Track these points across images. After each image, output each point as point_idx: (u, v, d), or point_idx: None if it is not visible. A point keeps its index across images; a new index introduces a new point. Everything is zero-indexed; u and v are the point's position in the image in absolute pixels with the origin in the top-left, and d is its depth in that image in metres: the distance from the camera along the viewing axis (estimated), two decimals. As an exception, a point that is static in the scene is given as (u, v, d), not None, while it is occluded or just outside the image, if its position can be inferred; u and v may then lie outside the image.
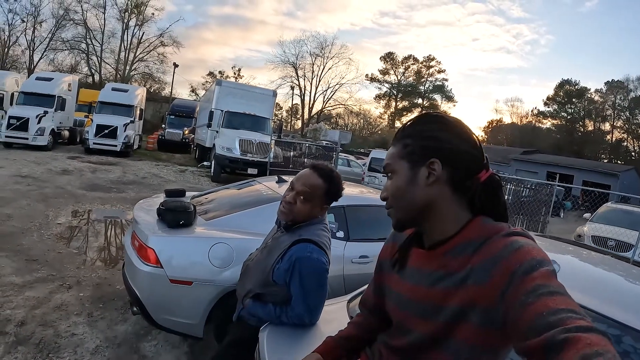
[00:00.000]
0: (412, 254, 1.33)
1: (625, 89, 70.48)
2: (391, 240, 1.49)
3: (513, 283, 0.99)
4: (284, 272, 2.24)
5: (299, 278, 2.21)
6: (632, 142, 71.25)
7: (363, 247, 4.33)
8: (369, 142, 62.31)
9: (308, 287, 2.22)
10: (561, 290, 0.94)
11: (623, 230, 10.75)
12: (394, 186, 1.26)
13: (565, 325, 0.83)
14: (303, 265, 2.21)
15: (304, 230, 2.32)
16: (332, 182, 2.35)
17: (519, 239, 1.09)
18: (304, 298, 2.22)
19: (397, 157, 1.26)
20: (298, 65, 65.28)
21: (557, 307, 0.88)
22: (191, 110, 30.97)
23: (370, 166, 20.81)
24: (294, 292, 2.23)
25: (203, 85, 64.53)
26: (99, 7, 52.22)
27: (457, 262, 1.15)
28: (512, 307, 0.96)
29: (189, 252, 3.69)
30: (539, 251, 1.05)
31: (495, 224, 1.18)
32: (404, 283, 1.31)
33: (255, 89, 22.42)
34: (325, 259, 2.27)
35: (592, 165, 47.22)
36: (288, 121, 71.73)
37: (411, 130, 1.27)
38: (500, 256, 1.06)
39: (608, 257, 4.03)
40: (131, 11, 53.50)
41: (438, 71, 78.18)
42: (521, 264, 1.00)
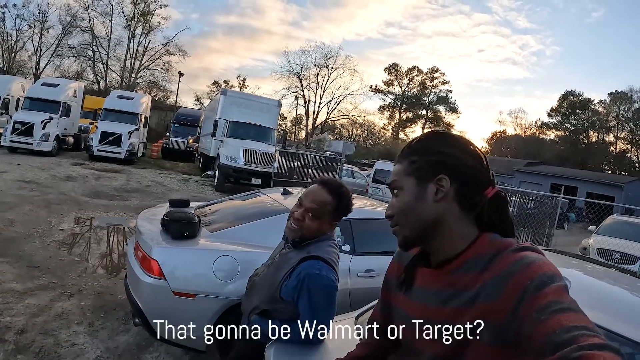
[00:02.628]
0: (418, 273, 1.30)
1: (629, 100, 70.73)
2: (397, 260, 1.46)
3: (525, 300, 0.97)
4: (292, 289, 2.19)
5: (308, 295, 2.16)
6: (636, 153, 71.42)
7: (369, 260, 4.29)
8: (373, 153, 62.85)
9: (317, 305, 2.17)
10: (574, 307, 0.93)
11: (629, 243, 10.73)
12: (401, 203, 1.23)
13: (579, 343, 0.81)
14: (312, 282, 2.16)
15: (313, 247, 2.28)
16: (341, 198, 2.30)
17: (529, 254, 1.07)
18: (313, 315, 2.16)
19: (403, 174, 1.24)
20: (303, 76, 65.46)
21: (571, 324, 0.86)
22: (196, 119, 31.02)
23: (374, 177, 20.81)
24: (302, 310, 2.17)
25: (208, 94, 64.91)
26: (105, 14, 52.75)
27: (466, 280, 1.13)
28: (525, 324, 0.94)
29: (192, 264, 3.66)
30: (549, 266, 1.03)
31: (504, 239, 1.16)
32: (412, 303, 1.28)
33: (260, 99, 22.52)
34: (335, 277, 2.23)
35: (596, 177, 47.23)
36: (292, 131, 72.10)
37: (417, 147, 1.25)
38: (510, 272, 1.03)
39: (613, 270, 3.99)
40: (137, 19, 53.93)
41: (442, 82, 78.53)
42: (532, 280, 0.98)
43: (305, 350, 2.21)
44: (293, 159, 19.49)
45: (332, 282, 2.21)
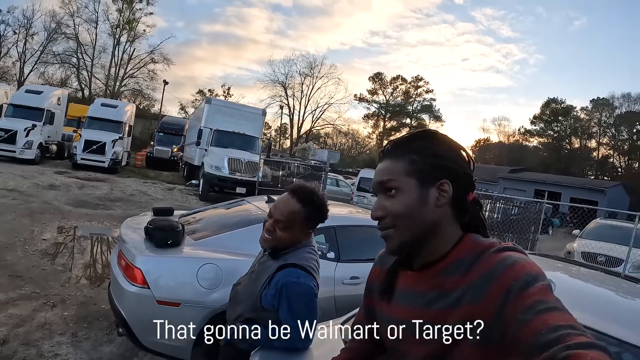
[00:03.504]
0: (401, 275, 1.29)
1: (610, 106, 71.90)
2: (379, 264, 1.44)
3: (509, 300, 0.97)
4: (272, 297, 2.17)
5: (287, 304, 2.14)
6: (618, 158, 72.48)
7: (354, 268, 4.29)
8: (357, 161, 63.08)
9: (297, 313, 2.14)
10: (559, 306, 0.93)
11: (612, 246, 10.82)
12: (402, 205, 1.16)
13: (566, 342, 0.82)
14: (290, 291, 2.14)
15: (290, 255, 2.26)
16: (312, 206, 2.26)
17: (512, 254, 1.07)
18: (295, 324, 2.13)
19: (402, 174, 1.18)
20: (287, 85, 65.68)
21: (557, 324, 0.87)
22: (180, 128, 30.96)
23: (359, 186, 20.93)
24: (283, 318, 2.15)
25: (192, 103, 64.83)
26: (91, 22, 52.57)
27: (451, 281, 1.12)
28: (510, 324, 0.94)
29: (176, 272, 3.64)
30: (533, 266, 1.03)
31: (486, 240, 1.17)
32: (396, 306, 1.27)
33: (244, 108, 22.55)
34: (313, 283, 2.22)
35: (579, 182, 47.84)
36: (277, 140, 72.05)
37: (416, 146, 1.20)
38: (494, 273, 1.03)
39: (599, 272, 4.05)
40: (123, 27, 53.69)
41: (426, 91, 79.55)
42: (516, 280, 0.99)
43: (290, 356, 2.20)
44: (278, 168, 19.55)
45: (311, 289, 2.19)
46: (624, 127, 70.63)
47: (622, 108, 70.91)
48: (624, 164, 71.77)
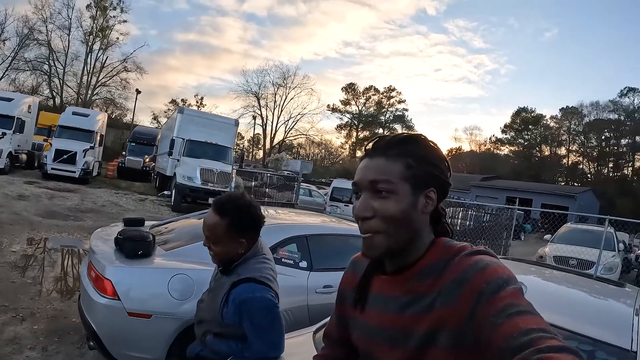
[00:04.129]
0: (374, 280, 1.28)
1: (579, 115, 74.12)
2: (350, 270, 1.43)
3: (481, 303, 0.97)
4: (233, 314, 2.14)
5: (249, 320, 2.11)
6: (588, 164, 74.58)
7: (327, 276, 4.31)
8: (330, 172, 63.20)
9: (262, 326, 2.12)
10: (530, 309, 0.93)
11: (583, 249, 11.07)
12: (397, 209, 1.13)
13: (537, 346, 0.81)
14: (249, 306, 2.11)
15: (242, 268, 2.21)
16: (230, 214, 2.17)
17: (484, 258, 1.07)
18: (261, 336, 2.13)
19: (398, 177, 1.14)
20: (260, 95, 65.48)
21: (528, 327, 0.86)
22: (152, 138, 30.70)
23: (332, 196, 20.95)
24: (249, 333, 2.12)
25: (165, 112, 64.83)
26: (64, 28, 51.53)
27: (424, 285, 1.12)
28: (482, 327, 0.94)
29: (147, 283, 3.59)
30: (504, 269, 1.04)
31: (457, 243, 1.17)
32: (369, 311, 1.26)
33: (217, 118, 22.44)
34: (271, 294, 2.17)
35: (550, 189, 48.72)
36: (250, 151, 72.04)
37: (413, 151, 1.17)
38: (466, 276, 1.04)
39: (572, 275, 4.14)
40: (96, 34, 53.00)
41: (399, 101, 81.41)
42: (488, 284, 0.99)
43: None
44: (250, 179, 19.48)
45: (269, 301, 2.15)
46: (592, 135, 72.77)
47: (591, 116, 73.31)
48: (594, 170, 73.76)
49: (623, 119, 70.29)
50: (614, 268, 11.09)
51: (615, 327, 2.75)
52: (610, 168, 72.75)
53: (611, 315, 3.13)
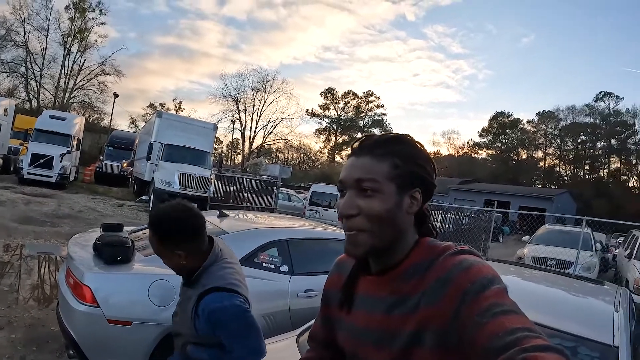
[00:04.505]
0: (360, 281, 1.27)
1: (555, 119, 75.89)
2: (336, 271, 1.42)
3: (466, 302, 0.97)
4: (205, 326, 2.07)
5: (223, 329, 2.05)
6: (564, 167, 76.31)
7: (308, 280, 4.32)
8: (309, 176, 63.33)
9: (237, 334, 2.07)
10: (515, 308, 0.93)
11: (562, 250, 11.24)
12: (382, 209, 1.12)
13: (522, 345, 0.81)
14: (220, 317, 2.04)
15: (205, 277, 2.13)
16: (158, 230, 2.07)
17: (468, 257, 1.07)
18: (240, 343, 2.07)
19: (384, 176, 1.13)
20: (239, 99, 65.34)
21: (513, 326, 0.86)
22: (130, 142, 30.36)
23: (311, 200, 21.01)
24: (227, 342, 2.08)
25: (143, 117, 64.21)
26: (42, 29, 50.78)
27: (410, 286, 1.12)
28: (467, 327, 0.94)
29: (127, 289, 3.54)
30: (488, 269, 1.04)
31: (441, 243, 1.17)
32: (356, 312, 1.25)
33: (196, 122, 22.35)
34: (239, 300, 2.10)
35: (528, 191, 49.41)
36: (228, 156, 71.68)
37: (400, 151, 1.17)
38: (450, 275, 1.03)
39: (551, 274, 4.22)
40: (74, 37, 52.31)
41: (377, 106, 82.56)
42: (472, 283, 0.99)
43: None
44: (229, 183, 19.41)
45: (239, 307, 2.08)
46: (569, 138, 74.43)
47: (567, 120, 75.28)
48: (570, 172, 75.34)
49: (598, 122, 72.26)
50: (592, 267, 11.25)
51: (597, 324, 2.85)
52: (586, 170, 74.41)
53: (593, 312, 3.23)
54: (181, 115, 38.91)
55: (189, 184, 16.55)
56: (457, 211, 15.14)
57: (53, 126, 22.02)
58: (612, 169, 72.81)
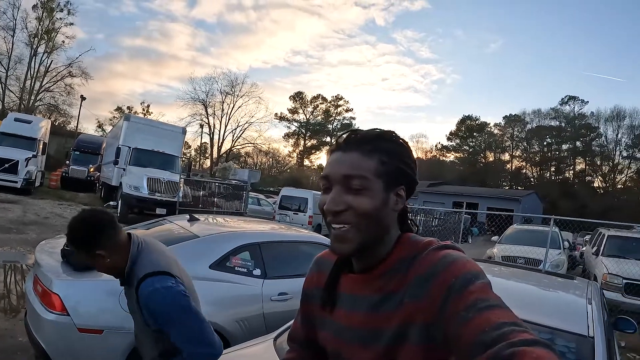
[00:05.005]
0: (342, 279, 1.26)
1: (522, 122, 77.78)
2: (315, 270, 1.41)
3: (451, 297, 0.97)
4: (150, 318, 2.06)
5: (159, 314, 2.03)
6: (531, 169, 78.29)
7: (282, 284, 4.31)
8: (278, 180, 63.34)
9: (172, 318, 2.04)
10: (500, 303, 0.93)
11: (530, 248, 11.49)
12: (370, 205, 1.11)
13: (510, 340, 0.81)
14: (153, 301, 2.02)
15: (135, 270, 2.12)
16: (71, 239, 2.06)
17: (451, 252, 1.08)
18: (176, 329, 2.05)
19: (373, 173, 1.12)
20: (208, 103, 64.25)
21: (500, 321, 0.86)
22: (97, 147, 29.76)
23: (281, 204, 20.95)
24: (170, 334, 2.05)
25: (110, 120, 62.95)
26: (8, 29, 48.98)
27: (394, 282, 1.12)
28: (452, 322, 0.94)
29: (97, 297, 3.46)
30: (472, 264, 1.04)
31: (424, 238, 1.17)
32: (338, 311, 1.24)
33: (164, 126, 22.07)
34: (172, 281, 2.09)
35: (495, 193, 50.22)
36: (197, 160, 70.94)
37: (387, 148, 1.16)
38: (434, 270, 1.03)
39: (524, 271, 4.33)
40: (41, 37, 51.05)
41: (346, 110, 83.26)
42: (457, 278, 0.99)
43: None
44: (198, 188, 19.24)
45: (171, 287, 2.07)
46: (535, 141, 76.40)
47: (533, 123, 77.37)
48: (536, 174, 77.14)
49: (564, 125, 74.27)
50: (561, 265, 11.48)
51: (572, 316, 2.98)
52: (552, 172, 76.13)
53: (567, 305, 3.36)
54: (149, 119, 38.46)
55: (158, 189, 16.32)
56: (426, 213, 15.30)
57: (18, 129, 21.46)
58: (577, 170, 74.75)
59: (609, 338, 2.86)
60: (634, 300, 9.07)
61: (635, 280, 9.31)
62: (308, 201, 19.93)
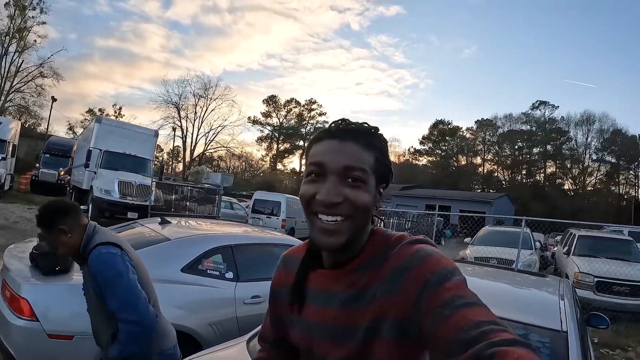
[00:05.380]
0: (312, 275, 1.24)
1: (493, 126, 79.11)
2: (282, 267, 1.38)
3: (426, 293, 0.95)
4: (96, 285, 2.36)
5: (101, 277, 2.33)
6: (502, 172, 79.75)
7: (255, 287, 4.30)
8: (251, 184, 62.72)
9: (107, 281, 2.32)
10: (477, 301, 0.92)
11: (503, 249, 11.64)
12: (367, 200, 1.09)
13: (491, 339, 0.79)
14: (95, 264, 2.35)
15: (88, 247, 2.42)
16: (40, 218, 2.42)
17: (425, 247, 1.07)
18: (108, 292, 2.32)
19: (370, 169, 1.10)
20: (181, 106, 63.17)
21: (479, 319, 0.85)
22: (68, 149, 29.15)
23: (254, 208, 20.86)
24: (107, 298, 2.33)
25: (82, 123, 61.52)
26: (-21, 27, 48.21)
27: (366, 277, 1.11)
28: (428, 318, 0.92)
29: (67, 301, 3.37)
30: (448, 260, 1.03)
31: (395, 233, 1.17)
32: (308, 307, 1.22)
33: (136, 128, 21.64)
34: (115, 249, 2.43)
35: (468, 196, 50.83)
36: (169, 164, 70.14)
37: (379, 145, 1.16)
38: (409, 264, 1.02)
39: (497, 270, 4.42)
40: (12, 35, 49.96)
41: (319, 114, 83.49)
42: (433, 273, 0.97)
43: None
44: (170, 192, 19.06)
45: (113, 254, 2.40)
46: (506, 145, 77.93)
47: (505, 127, 79.12)
48: (508, 177, 78.61)
49: (535, 129, 75.90)
50: (533, 265, 11.61)
51: (545, 312, 3.06)
52: (523, 175, 77.54)
53: (540, 301, 3.45)
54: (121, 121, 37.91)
55: (129, 193, 16.08)
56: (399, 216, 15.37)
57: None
58: (547, 173, 76.36)
59: (582, 333, 2.93)
60: (605, 298, 9.27)
61: (606, 278, 9.52)
62: (281, 205, 19.87)
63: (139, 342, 2.33)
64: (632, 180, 70.15)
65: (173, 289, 3.75)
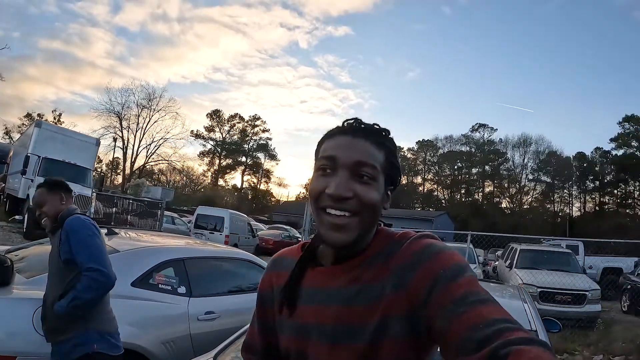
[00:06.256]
0: (308, 274, 1.17)
1: (434, 147, 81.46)
2: (273, 269, 1.30)
3: (438, 288, 0.93)
4: (66, 246, 2.68)
5: (72, 237, 2.68)
6: (442, 191, 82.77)
7: (209, 302, 4.13)
8: (192, 199, 62.04)
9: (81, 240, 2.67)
10: (490, 298, 0.90)
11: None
12: (377, 197, 1.07)
13: (506, 338, 0.78)
14: (71, 227, 2.72)
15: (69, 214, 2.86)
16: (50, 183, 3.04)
17: (435, 242, 1.04)
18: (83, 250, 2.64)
19: (380, 168, 1.08)
20: (123, 116, 60.74)
21: (493, 317, 0.83)
22: (3, 155, 27.82)
23: (196, 223, 20.65)
24: (74, 252, 2.64)
25: (19, 127, 59.94)
26: None
27: (372, 272, 1.06)
28: (440, 314, 0.90)
29: (8, 318, 3.06)
30: (459, 256, 1.00)
31: (399, 231, 1.14)
32: (303, 308, 1.14)
33: (77, 136, 20.95)
34: (90, 220, 2.88)
35: (408, 214, 51.90)
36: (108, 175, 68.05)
37: (389, 146, 1.13)
38: (420, 258, 1.00)
39: None
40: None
41: (263, 130, 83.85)
42: (445, 269, 0.95)
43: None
44: (111, 204, 18.48)
45: (88, 220, 2.87)
46: (446, 165, 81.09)
47: (445, 148, 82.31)
48: (448, 196, 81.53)
49: (474, 150, 79.03)
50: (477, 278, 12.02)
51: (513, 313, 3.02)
52: (462, 194, 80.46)
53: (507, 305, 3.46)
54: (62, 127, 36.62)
55: (68, 203, 15.49)
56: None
57: None
58: (486, 192, 79.34)
59: None
60: (549, 307, 9.61)
61: (549, 288, 10.02)
62: (225, 220, 19.74)
63: (96, 290, 2.60)
64: (567, 199, 74.02)
65: (123, 305, 3.47)
